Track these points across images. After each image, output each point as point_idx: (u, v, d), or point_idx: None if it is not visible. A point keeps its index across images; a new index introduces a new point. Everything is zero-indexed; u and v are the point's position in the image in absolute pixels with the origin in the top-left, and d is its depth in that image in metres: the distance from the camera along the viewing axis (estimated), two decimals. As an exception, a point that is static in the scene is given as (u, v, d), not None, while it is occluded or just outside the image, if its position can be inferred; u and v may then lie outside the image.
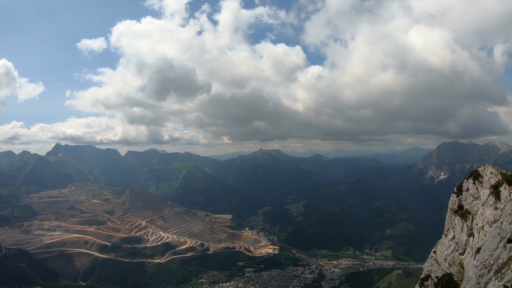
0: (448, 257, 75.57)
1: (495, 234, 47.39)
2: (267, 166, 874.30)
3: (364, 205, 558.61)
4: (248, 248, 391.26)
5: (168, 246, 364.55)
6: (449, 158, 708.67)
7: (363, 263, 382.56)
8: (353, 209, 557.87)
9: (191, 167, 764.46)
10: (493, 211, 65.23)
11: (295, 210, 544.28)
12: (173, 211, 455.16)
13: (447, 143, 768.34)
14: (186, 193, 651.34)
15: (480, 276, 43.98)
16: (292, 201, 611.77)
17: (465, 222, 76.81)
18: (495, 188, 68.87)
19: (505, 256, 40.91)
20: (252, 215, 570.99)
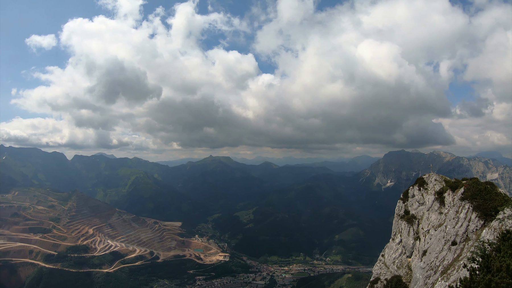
0: (396, 260, 79.19)
1: (440, 237, 50.05)
2: (217, 173, 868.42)
3: (314, 212, 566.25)
4: (198, 256, 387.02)
5: (116, 255, 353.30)
6: (395, 166, 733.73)
7: (314, 268, 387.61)
8: (303, 215, 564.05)
9: (140, 173, 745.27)
10: (438, 215, 69.02)
11: (245, 217, 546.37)
12: (121, 219, 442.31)
13: (393, 152, 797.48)
14: (135, 200, 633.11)
15: (427, 277, 46.48)
16: (242, 208, 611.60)
17: (411, 227, 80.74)
18: (439, 194, 72.95)
19: (450, 258, 43.71)
20: (202, 222, 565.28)
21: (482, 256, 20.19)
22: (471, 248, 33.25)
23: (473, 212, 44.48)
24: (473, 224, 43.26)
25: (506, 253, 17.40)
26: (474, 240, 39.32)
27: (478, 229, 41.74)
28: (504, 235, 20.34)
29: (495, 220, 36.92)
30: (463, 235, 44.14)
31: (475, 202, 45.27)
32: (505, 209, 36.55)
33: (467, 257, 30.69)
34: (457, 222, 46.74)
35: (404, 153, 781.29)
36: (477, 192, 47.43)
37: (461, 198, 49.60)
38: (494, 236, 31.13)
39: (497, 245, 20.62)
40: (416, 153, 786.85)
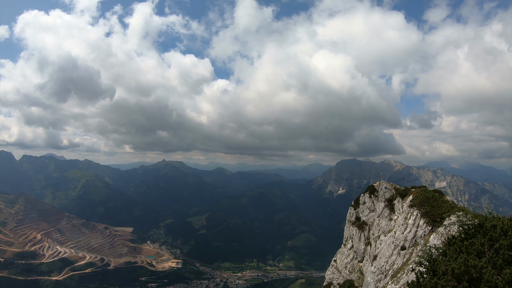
0: (348, 265, 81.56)
1: (390, 243, 52.14)
2: (169, 177, 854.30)
3: (266, 218, 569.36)
4: (150, 263, 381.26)
5: (66, 262, 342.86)
6: (347, 174, 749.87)
7: (267, 274, 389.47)
8: (256, 221, 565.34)
9: (91, 176, 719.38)
10: (388, 222, 71.74)
11: (198, 222, 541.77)
12: (71, 223, 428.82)
13: (345, 160, 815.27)
14: (85, 204, 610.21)
15: (378, 281, 48.40)
16: (194, 213, 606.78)
17: (363, 233, 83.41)
18: (389, 201, 75.83)
19: (399, 262, 45.81)
20: (153, 228, 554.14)
21: (429, 260, 21.91)
22: (419, 253, 35.17)
23: (421, 218, 46.73)
24: (421, 230, 45.49)
25: (451, 257, 18.77)
26: (422, 245, 41.40)
27: (426, 235, 43.96)
28: (450, 240, 21.84)
29: (442, 226, 39.11)
30: (411, 241, 46.25)
31: (423, 209, 47.58)
32: (451, 216, 38.70)
33: (415, 262, 32.54)
34: (406, 228, 48.84)
35: (356, 162, 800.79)
36: (425, 199, 49.82)
37: (410, 205, 51.83)
38: (441, 241, 33.14)
39: (443, 250, 22.02)
40: (368, 162, 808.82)
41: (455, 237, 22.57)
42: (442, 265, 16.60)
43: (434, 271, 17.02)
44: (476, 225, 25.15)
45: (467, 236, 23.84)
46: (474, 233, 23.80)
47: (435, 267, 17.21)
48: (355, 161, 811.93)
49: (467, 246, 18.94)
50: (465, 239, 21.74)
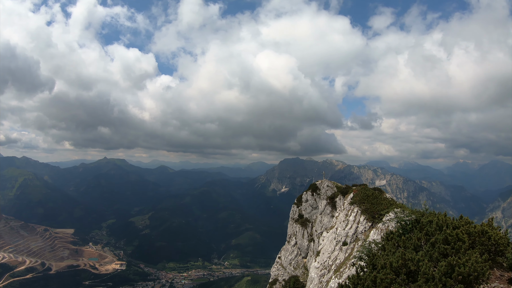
0: (293, 261, 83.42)
1: (332, 239, 53.81)
2: (111, 176, 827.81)
3: (210, 217, 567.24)
4: (93, 265, 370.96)
5: (5, 268, 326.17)
6: (290, 173, 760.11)
7: (213, 273, 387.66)
8: (199, 220, 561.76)
9: (29, 175, 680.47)
10: (330, 219, 73.88)
11: (141, 222, 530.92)
12: (9, 226, 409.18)
13: (288, 159, 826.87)
14: (23, 205, 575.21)
15: (322, 276, 49.76)
16: (137, 213, 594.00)
17: (306, 229, 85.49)
18: (331, 199, 78.13)
19: (342, 257, 47.48)
20: (95, 228, 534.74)
21: (369, 255, 23.26)
22: (359, 248, 36.71)
23: (361, 215, 48.59)
24: (362, 226, 47.36)
25: (390, 251, 19.97)
26: (363, 240, 43.24)
27: (367, 230, 45.84)
28: (388, 235, 23.11)
29: (381, 222, 41.04)
30: (353, 236, 48.03)
31: (363, 206, 49.49)
32: (390, 212, 40.63)
33: (355, 256, 34.12)
34: (347, 225, 50.59)
35: (299, 161, 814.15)
36: (365, 197, 51.81)
37: (351, 203, 53.70)
38: (380, 237, 34.87)
39: (382, 245, 23.31)
40: (310, 161, 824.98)
41: (393, 233, 23.82)
42: (381, 259, 17.44)
43: (373, 265, 17.81)
44: (413, 221, 26.79)
45: (404, 231, 25.38)
46: (411, 228, 25.38)
47: (374, 261, 18.05)
48: (298, 160, 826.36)
49: (404, 241, 20.17)
50: (402, 234, 23.10)
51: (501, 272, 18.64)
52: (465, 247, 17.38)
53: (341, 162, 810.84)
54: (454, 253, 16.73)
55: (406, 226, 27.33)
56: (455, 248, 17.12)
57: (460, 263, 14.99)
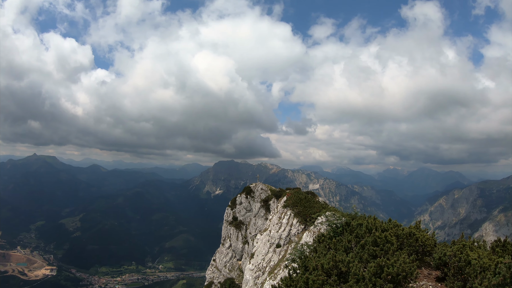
0: (228, 264, 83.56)
1: (265, 241, 54.28)
2: (41, 174, 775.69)
3: (144, 219, 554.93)
4: (22, 271, 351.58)
5: None
6: (225, 175, 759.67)
7: (147, 277, 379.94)
8: (133, 222, 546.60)
9: None
10: (264, 221, 74.68)
11: (72, 224, 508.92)
12: None
13: (223, 162, 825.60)
14: None
15: (256, 277, 50.15)
16: (68, 214, 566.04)
17: (240, 232, 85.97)
18: (265, 202, 79.04)
19: (276, 259, 48.04)
20: (23, 231, 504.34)
21: (301, 257, 23.69)
22: (292, 250, 37.30)
23: (294, 218, 49.41)
24: (295, 228, 48.17)
25: (321, 253, 20.38)
26: (296, 242, 43.96)
27: (299, 233, 46.66)
28: (320, 237, 23.60)
29: (313, 225, 41.89)
30: (286, 238, 48.75)
31: (296, 209, 50.35)
32: (321, 215, 41.58)
33: (287, 259, 34.65)
34: (280, 227, 51.25)
35: (234, 163, 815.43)
36: (298, 200, 52.72)
37: (284, 206, 54.46)
38: (312, 239, 35.61)
39: (314, 247, 23.84)
40: (245, 164, 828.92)
41: (325, 235, 24.40)
42: (313, 261, 17.72)
43: (306, 267, 18.07)
44: (344, 224, 27.63)
45: (335, 234, 26.12)
46: (342, 231, 26.18)
47: (306, 263, 18.33)
48: (232, 162, 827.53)
49: (335, 243, 20.68)
50: (333, 236, 23.69)
51: (429, 271, 19.82)
52: (394, 248, 18.01)
53: (275, 166, 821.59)
54: (383, 254, 17.26)
55: (337, 229, 28.16)
56: (384, 250, 17.68)
57: (389, 263, 15.46)
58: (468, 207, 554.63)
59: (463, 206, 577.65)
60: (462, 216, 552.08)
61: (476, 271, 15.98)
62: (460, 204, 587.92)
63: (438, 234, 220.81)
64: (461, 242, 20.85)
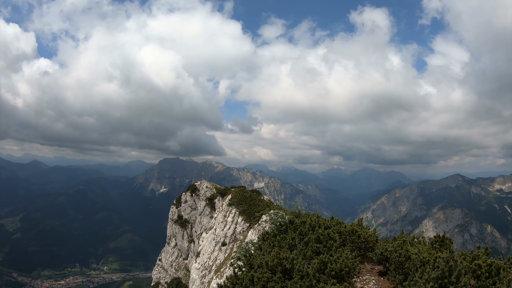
0: (174, 263, 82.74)
1: (211, 240, 54.16)
2: None
3: (87, 218, 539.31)
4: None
5: None
6: (169, 173, 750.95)
7: (92, 279, 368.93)
8: (76, 222, 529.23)
9: None
10: (209, 219, 74.39)
11: (11, 225, 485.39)
12: None
13: (168, 159, 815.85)
14: None
15: (203, 276, 49.90)
16: (7, 214, 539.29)
17: (185, 230, 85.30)
18: (210, 200, 78.75)
19: (221, 257, 47.95)
20: None
21: (245, 255, 23.66)
22: (237, 249, 37.32)
23: (239, 216, 49.47)
24: (240, 226, 48.23)
25: (266, 251, 20.41)
26: (241, 240, 44.01)
27: (245, 231, 46.77)
28: (264, 235, 23.68)
29: (258, 223, 42.05)
30: (231, 237, 48.75)
31: (241, 207, 50.42)
32: (266, 213, 41.79)
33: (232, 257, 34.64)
34: (225, 225, 51.23)
35: (179, 161, 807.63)
36: (243, 198, 52.84)
37: (229, 204, 54.48)
38: (257, 237, 35.73)
39: (259, 245, 23.83)
40: (190, 162, 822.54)
41: (269, 233, 24.52)
42: (257, 258, 17.72)
43: (251, 265, 18.05)
44: (287, 222, 27.81)
45: (279, 231, 26.33)
46: (285, 229, 26.36)
47: (251, 261, 18.31)
48: (177, 160, 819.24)
49: (279, 241, 20.76)
50: (278, 234, 23.84)
51: (371, 265, 20.59)
52: (337, 245, 18.27)
53: (221, 164, 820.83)
54: (326, 251, 17.46)
55: (281, 227, 28.36)
56: (327, 246, 17.89)
57: (332, 260, 15.66)
58: (409, 205, 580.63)
59: (404, 204, 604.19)
60: (403, 213, 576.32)
61: (416, 265, 16.56)
62: (401, 202, 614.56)
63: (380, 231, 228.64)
64: (402, 238, 21.73)
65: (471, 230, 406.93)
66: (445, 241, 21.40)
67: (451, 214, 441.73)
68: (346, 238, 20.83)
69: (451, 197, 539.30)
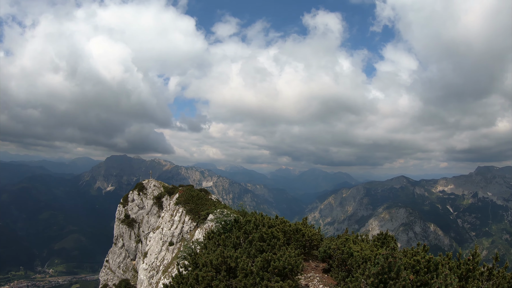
0: (121, 264, 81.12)
1: (158, 239, 53.55)
2: None
3: (31, 218, 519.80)
4: None
5: None
6: (117, 171, 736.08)
7: (38, 283, 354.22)
8: (19, 222, 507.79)
9: None
10: (156, 219, 73.49)
11: None
12: None
13: (115, 156, 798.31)
14: None
15: (151, 277, 49.30)
16: None
17: (132, 230, 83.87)
18: (158, 199, 77.84)
19: (169, 257, 47.44)
20: None
21: (191, 254, 23.50)
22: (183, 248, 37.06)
23: (186, 215, 49.09)
24: (187, 226, 47.85)
25: (211, 250, 20.45)
26: (189, 240, 43.71)
27: (192, 230, 46.46)
28: (209, 234, 23.68)
29: (204, 222, 41.89)
30: (179, 236, 48.31)
31: (188, 206, 50.05)
32: (212, 212, 41.70)
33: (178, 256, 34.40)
34: (172, 225, 50.74)
35: (126, 158, 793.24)
36: (190, 197, 52.47)
37: (176, 203, 53.98)
38: (202, 236, 35.61)
39: (204, 244, 23.79)
40: (138, 159, 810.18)
41: (214, 232, 24.59)
42: (202, 257, 17.72)
43: (196, 264, 18.06)
44: (232, 221, 27.91)
45: (225, 230, 26.44)
46: (231, 227, 26.48)
47: (197, 260, 18.30)
48: (125, 157, 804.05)
49: (224, 239, 20.77)
50: (222, 233, 23.89)
51: (316, 263, 21.34)
52: (280, 243, 18.51)
53: (169, 162, 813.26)
54: (270, 249, 17.68)
55: (226, 225, 28.45)
56: (270, 245, 18.11)
57: (275, 258, 15.86)
58: (356, 205, 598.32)
59: (350, 204, 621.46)
60: (350, 213, 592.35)
61: (358, 262, 17.20)
62: (348, 202, 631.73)
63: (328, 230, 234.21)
64: (345, 236, 22.34)
65: (415, 229, 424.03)
66: (387, 239, 22.17)
67: (396, 214, 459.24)
68: (290, 237, 21.34)
69: (396, 198, 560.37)
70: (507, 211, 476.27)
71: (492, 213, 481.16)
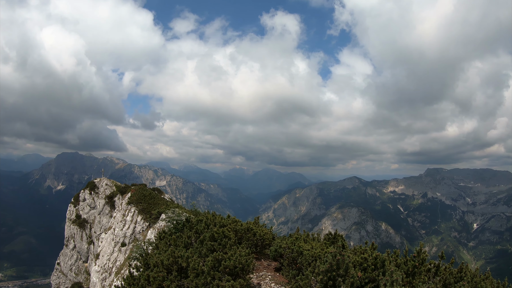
0: (73, 267, 79.08)
1: (110, 240, 52.62)
2: None
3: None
4: None
5: None
6: (68, 169, 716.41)
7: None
8: None
9: None
10: (109, 219, 72.08)
11: None
12: None
13: (67, 153, 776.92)
14: None
15: (103, 279, 48.40)
16: None
17: (84, 231, 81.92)
18: (110, 198, 76.38)
19: (122, 258, 46.68)
20: None
21: (142, 255, 23.24)
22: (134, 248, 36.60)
23: (138, 215, 48.42)
24: (140, 226, 47.21)
25: (162, 250, 20.28)
26: (141, 240, 43.15)
27: (144, 230, 45.88)
28: (161, 234, 23.48)
29: (156, 222, 41.42)
30: (131, 236, 47.60)
31: (140, 206, 49.39)
32: (164, 212, 41.27)
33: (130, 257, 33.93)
34: (124, 225, 49.95)
35: (78, 156, 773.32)
36: (142, 197, 51.80)
37: (128, 202, 53.14)
38: (154, 236, 35.25)
39: (156, 244, 23.59)
40: (90, 157, 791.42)
41: (166, 232, 24.42)
42: (154, 258, 17.65)
43: (147, 264, 18.00)
44: (184, 220, 27.73)
45: (177, 230, 26.28)
46: (182, 227, 26.33)
47: (148, 260, 18.22)
48: (77, 154, 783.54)
49: (175, 239, 20.70)
50: (174, 233, 23.77)
51: (268, 262, 21.68)
52: (231, 243, 18.60)
53: (121, 161, 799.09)
54: (221, 248, 17.77)
55: (177, 225, 28.30)
56: (221, 244, 18.21)
57: (226, 257, 15.98)
58: (309, 204, 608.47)
59: (304, 203, 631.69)
60: (303, 212, 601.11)
61: (308, 260, 17.56)
62: (301, 202, 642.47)
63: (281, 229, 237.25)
64: (295, 235, 22.73)
65: (367, 227, 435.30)
66: (337, 238, 22.74)
67: (349, 213, 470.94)
68: (242, 236, 21.55)
69: (348, 198, 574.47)
70: (455, 210, 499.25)
71: (441, 212, 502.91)
